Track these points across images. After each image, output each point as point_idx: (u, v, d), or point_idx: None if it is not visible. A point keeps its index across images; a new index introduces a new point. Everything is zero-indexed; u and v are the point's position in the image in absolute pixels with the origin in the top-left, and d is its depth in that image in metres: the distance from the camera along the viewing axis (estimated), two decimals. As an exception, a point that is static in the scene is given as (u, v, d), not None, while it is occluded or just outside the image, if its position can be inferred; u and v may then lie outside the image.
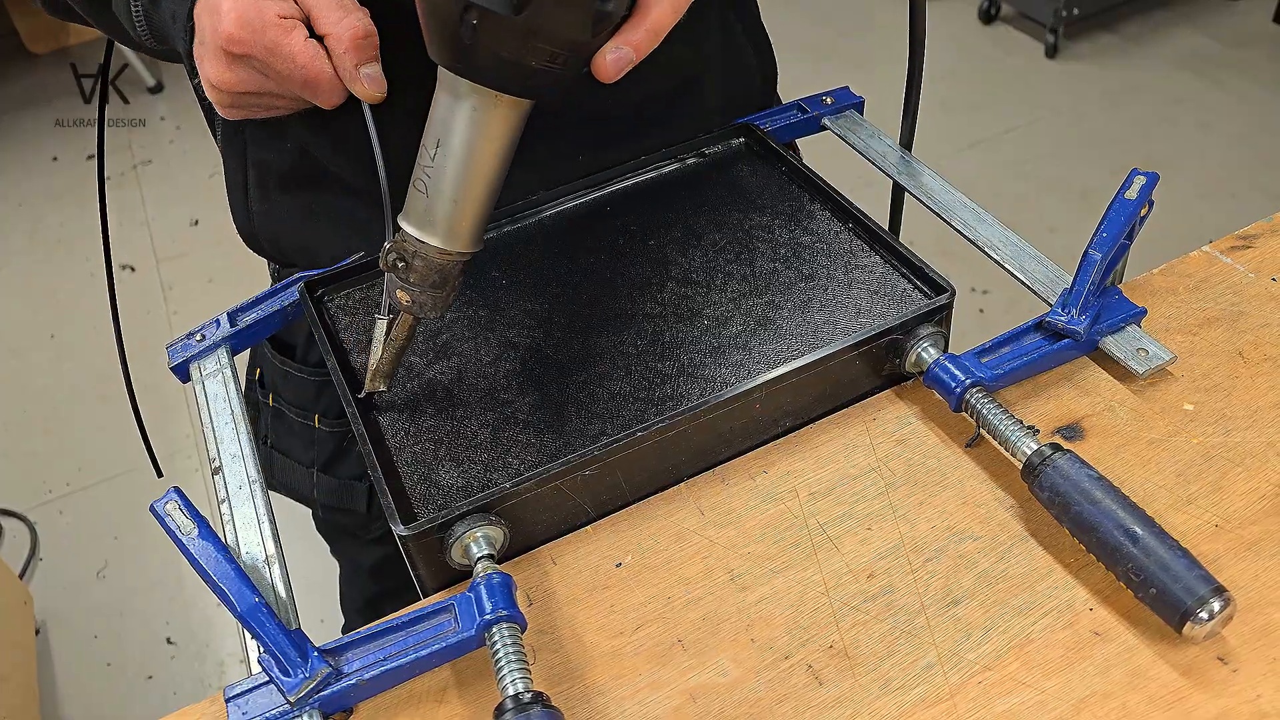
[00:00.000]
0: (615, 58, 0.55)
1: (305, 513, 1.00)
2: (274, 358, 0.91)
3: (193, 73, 0.65)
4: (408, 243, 0.59)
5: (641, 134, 0.82)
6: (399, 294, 0.61)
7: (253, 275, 1.12)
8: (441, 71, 0.56)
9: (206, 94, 0.65)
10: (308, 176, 0.77)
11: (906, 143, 0.84)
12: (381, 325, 0.63)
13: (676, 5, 0.56)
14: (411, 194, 0.59)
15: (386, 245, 0.60)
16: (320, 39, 0.61)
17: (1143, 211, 0.66)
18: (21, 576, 1.96)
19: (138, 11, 0.68)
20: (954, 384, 0.61)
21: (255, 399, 0.96)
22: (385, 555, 1.01)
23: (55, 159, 3.12)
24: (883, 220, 0.77)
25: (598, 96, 0.62)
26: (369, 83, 0.61)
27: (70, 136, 3.17)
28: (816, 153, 0.85)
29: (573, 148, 0.80)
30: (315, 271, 0.74)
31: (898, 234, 0.83)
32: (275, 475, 0.95)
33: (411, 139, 0.59)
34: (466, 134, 0.57)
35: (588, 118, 0.78)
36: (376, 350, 0.63)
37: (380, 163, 0.63)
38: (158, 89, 3.32)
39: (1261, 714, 0.49)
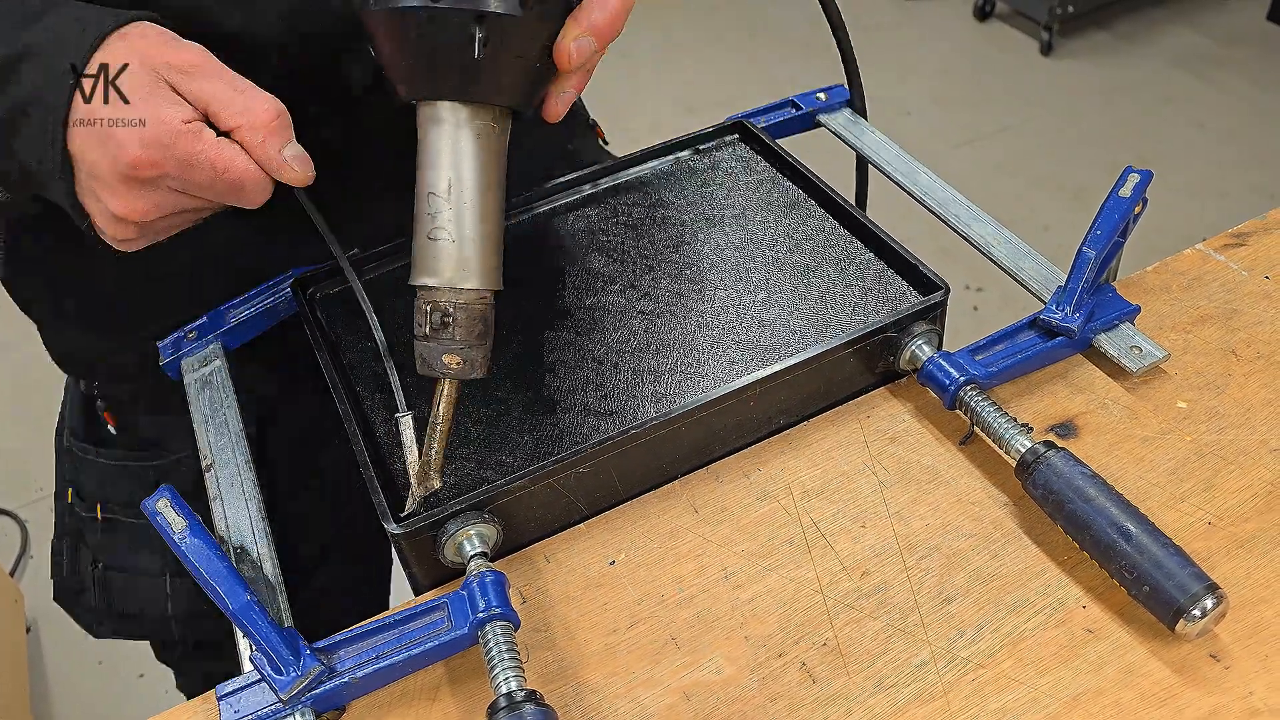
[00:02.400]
0: (578, 46, 0.54)
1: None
2: (95, 456, 0.82)
3: (80, 215, 0.56)
4: (442, 299, 0.54)
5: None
6: (447, 359, 0.55)
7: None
8: (431, 109, 0.54)
9: (105, 232, 0.56)
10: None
11: (860, 109, 0.85)
12: (407, 423, 0.57)
13: None
14: (430, 247, 0.54)
15: (423, 317, 0.55)
16: (228, 133, 0.54)
17: (1136, 209, 0.66)
18: (12, 574, 1.95)
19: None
20: (948, 381, 0.61)
21: (76, 520, 0.85)
22: None
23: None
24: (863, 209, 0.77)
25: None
26: (298, 164, 0.55)
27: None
28: (810, 149, 0.85)
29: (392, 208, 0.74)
30: (309, 268, 0.73)
31: (864, 207, 0.83)
32: (114, 606, 0.83)
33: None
34: (479, 161, 0.54)
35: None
36: (412, 450, 0.56)
37: (337, 247, 0.60)
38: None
39: (1253, 710, 0.49)
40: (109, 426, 0.82)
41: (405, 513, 0.56)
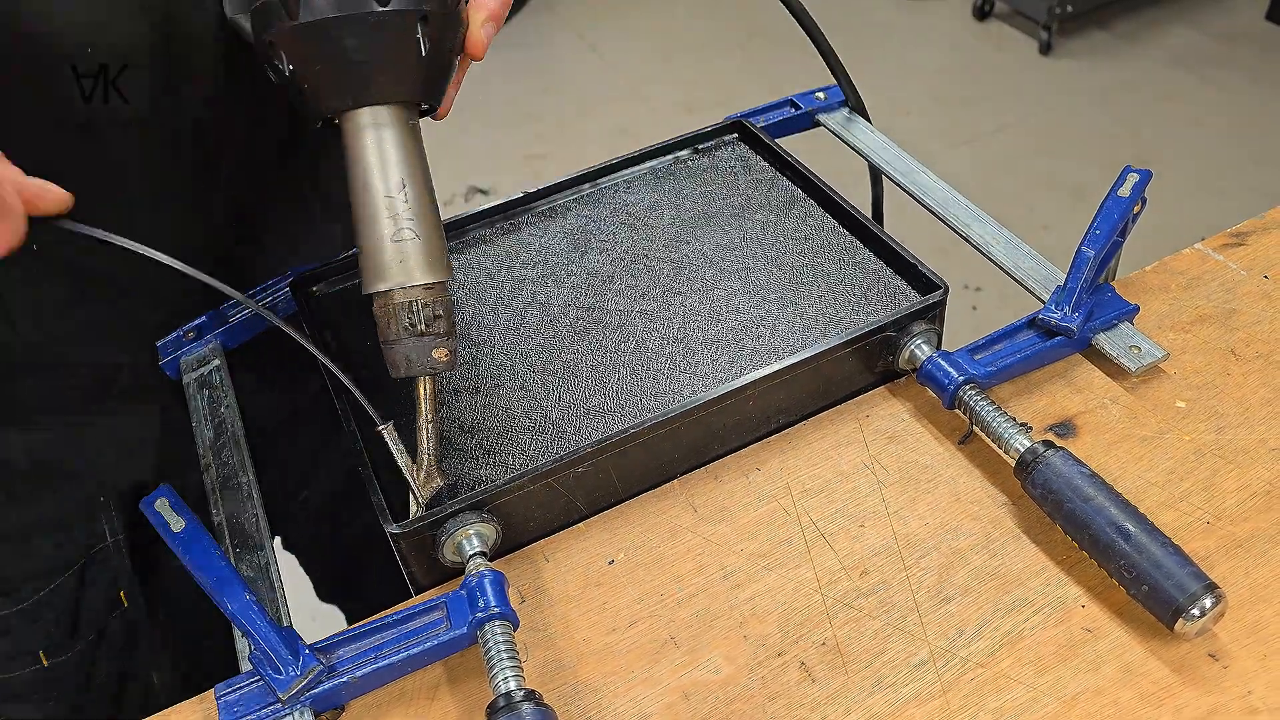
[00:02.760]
0: (486, 33, 0.56)
1: (297, 510, 0.99)
2: None
3: None
4: (420, 296, 0.54)
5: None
6: (437, 354, 0.55)
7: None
8: (369, 114, 0.54)
9: None
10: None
11: (857, 106, 0.85)
12: (389, 431, 0.56)
13: None
14: (397, 249, 0.54)
15: (416, 313, 0.54)
16: None
17: (1135, 209, 0.66)
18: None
19: None
20: (947, 381, 0.61)
21: None
22: None
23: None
24: (868, 213, 0.77)
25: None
26: (50, 191, 0.50)
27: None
28: (809, 149, 0.85)
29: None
30: (306, 267, 0.73)
31: (881, 222, 0.83)
32: None
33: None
34: (420, 158, 0.55)
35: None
36: (403, 454, 0.56)
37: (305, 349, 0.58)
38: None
39: (1252, 710, 0.49)
40: None
41: (412, 517, 0.56)
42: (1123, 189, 0.66)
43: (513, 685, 0.49)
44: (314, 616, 1.63)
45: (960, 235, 0.74)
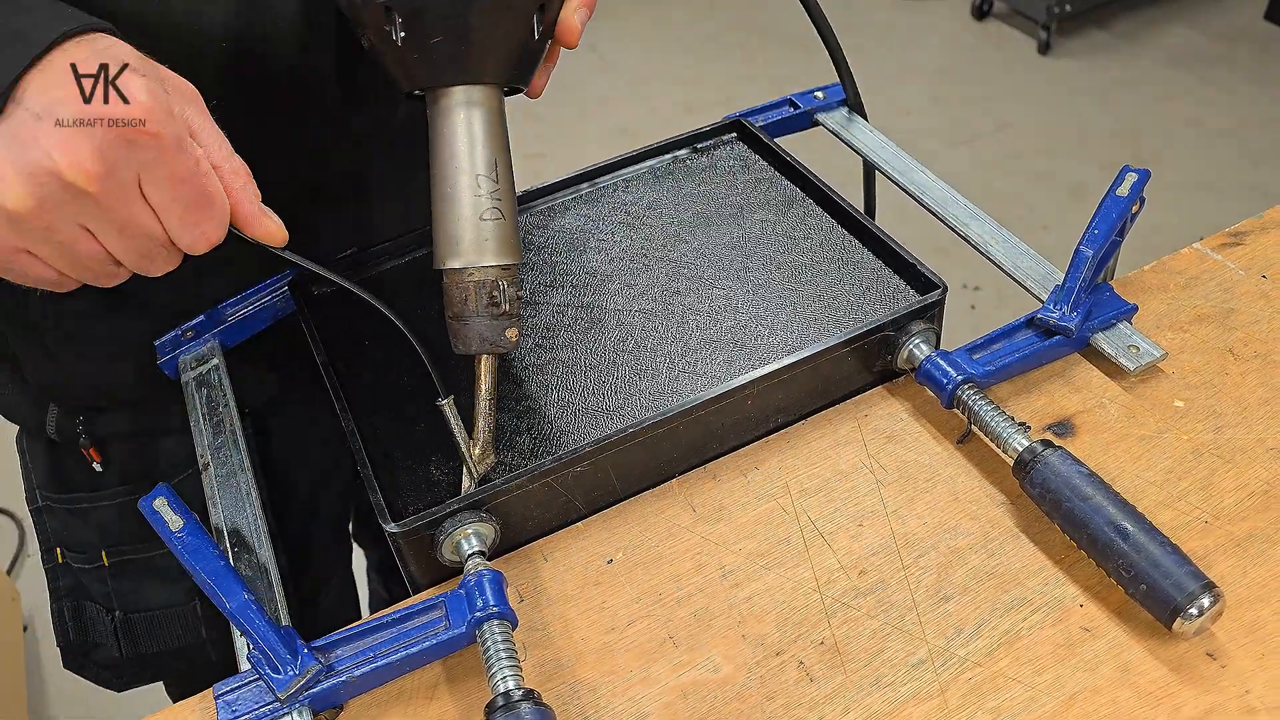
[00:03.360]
0: (580, 19, 0.57)
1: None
2: (86, 504, 0.79)
3: None
4: (497, 276, 0.56)
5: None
6: (509, 334, 0.57)
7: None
8: (464, 93, 0.55)
9: (9, 204, 0.45)
10: (103, 311, 0.70)
11: (855, 105, 0.85)
12: (450, 406, 0.57)
13: None
14: (482, 229, 0.56)
15: (501, 293, 0.56)
16: None
17: (1134, 208, 0.66)
18: (9, 573, 1.95)
19: None
20: (945, 380, 0.61)
21: (73, 578, 0.81)
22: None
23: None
24: (864, 211, 0.77)
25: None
26: (274, 219, 0.54)
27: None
28: (808, 148, 0.85)
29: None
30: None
31: (873, 218, 0.84)
32: (139, 650, 0.81)
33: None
34: (504, 138, 0.57)
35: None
36: (460, 433, 0.57)
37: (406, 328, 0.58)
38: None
39: (1250, 709, 0.49)
40: (94, 464, 0.78)
41: (463, 493, 0.57)
42: (1121, 188, 0.66)
43: (511, 684, 0.49)
44: (313, 616, 1.62)
45: (959, 234, 0.74)
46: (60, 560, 0.82)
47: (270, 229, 0.54)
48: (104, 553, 0.80)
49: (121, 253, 0.49)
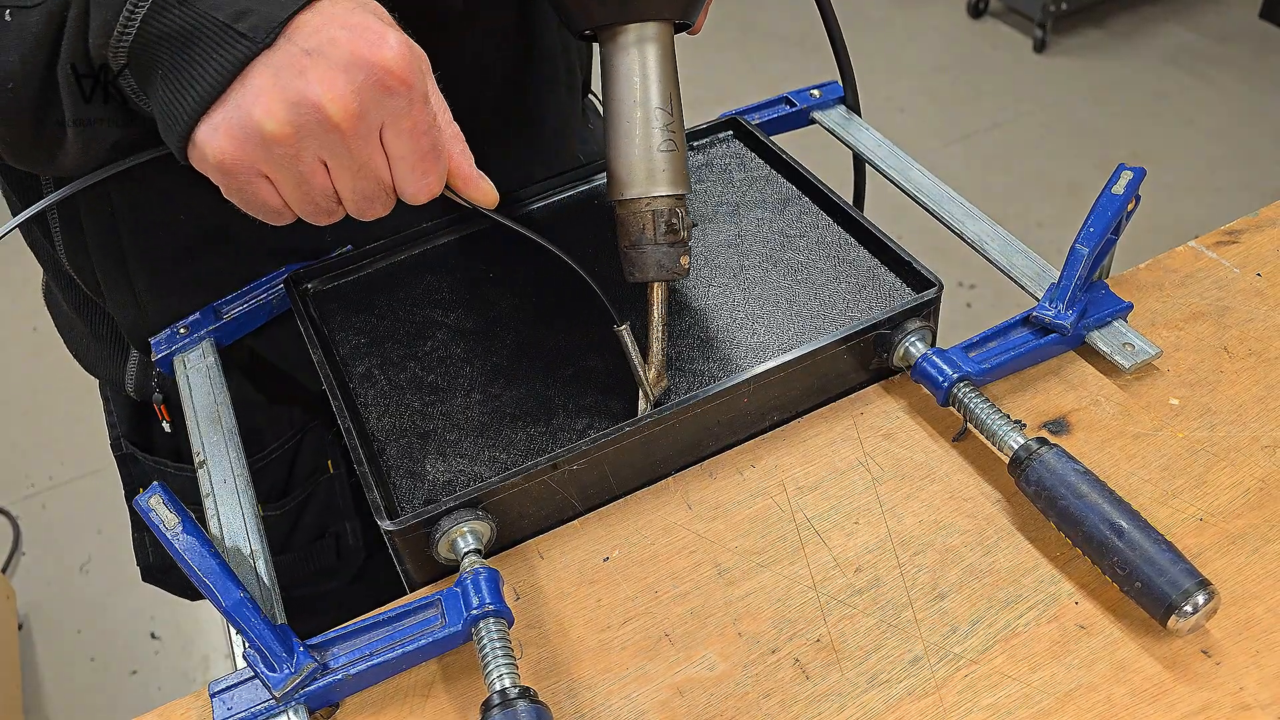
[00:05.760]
0: None
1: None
2: (151, 464, 0.86)
3: (210, 96, 0.48)
4: (670, 206, 0.59)
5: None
6: (683, 260, 0.60)
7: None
8: (639, 29, 0.58)
9: (230, 132, 0.48)
10: (201, 249, 0.73)
11: (853, 105, 0.86)
12: (627, 332, 0.59)
13: None
14: (661, 159, 0.59)
15: (676, 221, 0.59)
16: None
17: (1129, 207, 0.66)
18: (4, 571, 1.95)
19: (131, 15, 0.48)
20: (941, 378, 0.61)
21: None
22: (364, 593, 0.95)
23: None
24: (861, 209, 0.77)
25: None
26: (487, 184, 0.57)
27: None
28: (804, 146, 0.85)
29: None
30: (300, 265, 0.73)
31: (862, 208, 0.85)
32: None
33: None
34: (675, 73, 0.59)
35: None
36: (636, 358, 0.59)
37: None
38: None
39: (1244, 706, 0.49)
40: (164, 424, 0.82)
41: (639, 415, 0.60)
42: (1117, 186, 0.66)
43: (507, 682, 0.49)
44: (308, 614, 1.61)
45: (955, 232, 0.74)
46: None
47: (485, 190, 0.57)
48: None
49: (349, 192, 0.52)
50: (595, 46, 0.64)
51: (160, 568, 0.91)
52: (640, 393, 0.61)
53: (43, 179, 0.69)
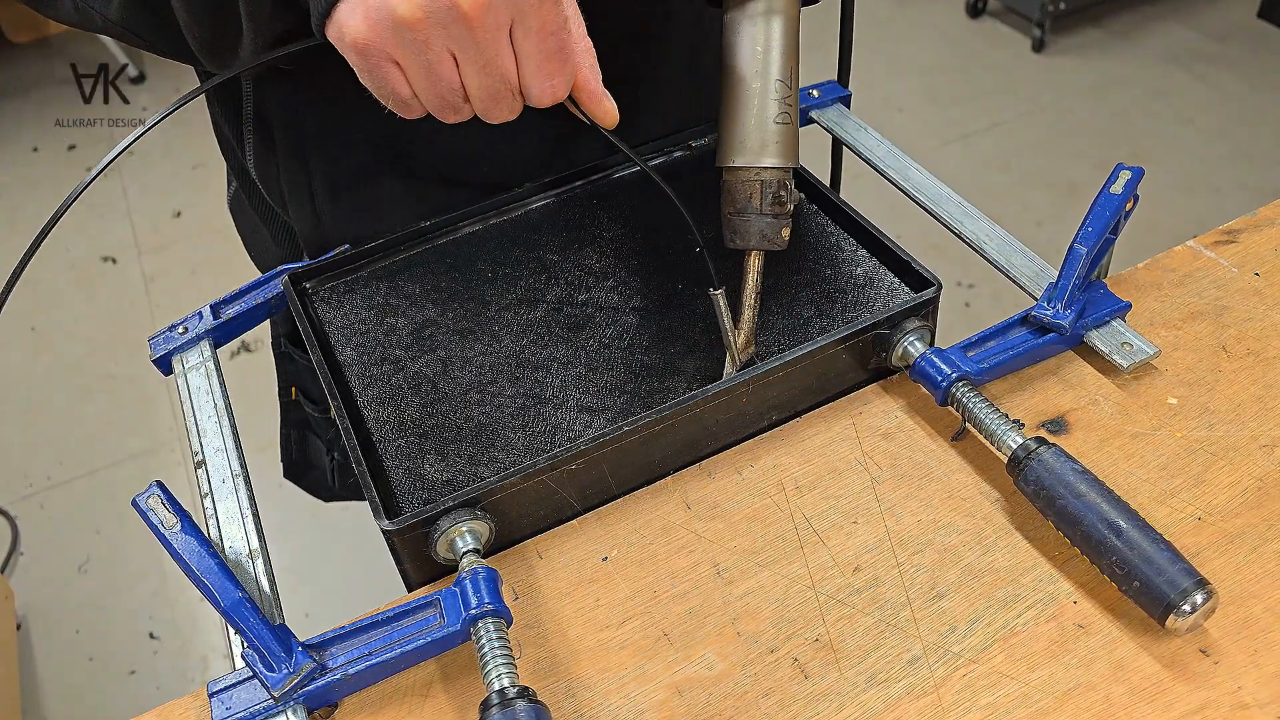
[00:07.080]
0: None
1: (290, 507, 1.00)
2: (309, 365, 0.89)
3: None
4: (778, 178, 0.60)
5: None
6: (784, 232, 0.61)
7: (236, 267, 1.11)
8: (759, 4, 0.58)
9: (400, 10, 0.49)
10: (379, 169, 0.77)
11: (843, 80, 0.87)
12: (721, 296, 0.60)
13: None
14: (776, 131, 0.59)
15: (783, 192, 0.60)
16: None
17: (1128, 206, 0.66)
18: (2, 571, 1.95)
19: None
20: (940, 378, 0.61)
21: (302, 415, 0.94)
22: None
23: (35, 149, 3.09)
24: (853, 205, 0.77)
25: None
26: (610, 102, 0.57)
27: (50, 128, 3.14)
28: (803, 146, 0.85)
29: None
30: (299, 264, 0.73)
31: (838, 190, 0.85)
32: (348, 484, 0.95)
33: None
34: (798, 47, 0.59)
35: None
36: (728, 322, 0.61)
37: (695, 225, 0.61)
38: (140, 79, 3.29)
39: (1242, 705, 0.49)
40: None
41: (725, 376, 0.61)
42: (1115, 186, 0.66)
43: (506, 682, 0.49)
44: (307, 614, 1.63)
45: (953, 232, 0.74)
46: (293, 398, 0.93)
47: (608, 109, 0.57)
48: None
49: (475, 88, 0.53)
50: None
51: (301, 464, 0.97)
52: (728, 357, 0.62)
53: (243, 89, 0.74)
